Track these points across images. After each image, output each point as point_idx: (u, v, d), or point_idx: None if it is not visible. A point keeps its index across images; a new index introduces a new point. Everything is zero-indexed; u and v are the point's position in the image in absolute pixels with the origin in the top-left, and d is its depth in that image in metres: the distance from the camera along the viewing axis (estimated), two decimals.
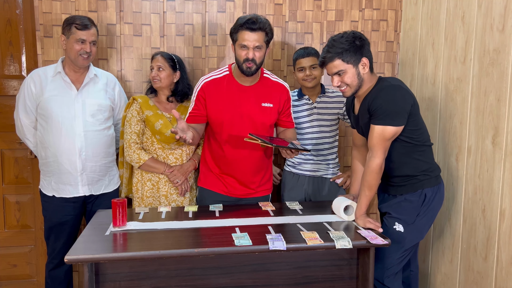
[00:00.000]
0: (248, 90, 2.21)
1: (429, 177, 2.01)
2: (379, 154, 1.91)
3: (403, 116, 1.90)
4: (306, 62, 2.38)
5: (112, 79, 2.47)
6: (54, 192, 2.32)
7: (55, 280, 2.43)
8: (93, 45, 2.29)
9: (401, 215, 2.01)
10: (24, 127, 2.35)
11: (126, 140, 2.36)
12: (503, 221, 1.88)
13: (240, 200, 2.35)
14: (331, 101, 2.49)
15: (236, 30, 2.09)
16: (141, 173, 2.40)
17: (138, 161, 2.34)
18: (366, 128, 2.01)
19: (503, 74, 1.87)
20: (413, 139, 1.97)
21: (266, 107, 2.22)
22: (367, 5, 2.79)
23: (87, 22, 2.26)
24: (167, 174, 2.36)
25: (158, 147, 2.37)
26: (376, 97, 1.90)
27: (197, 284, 1.87)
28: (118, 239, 1.79)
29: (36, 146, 2.36)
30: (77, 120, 2.26)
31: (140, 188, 2.39)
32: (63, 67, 2.31)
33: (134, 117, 2.36)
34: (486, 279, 1.98)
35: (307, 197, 2.55)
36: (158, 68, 2.36)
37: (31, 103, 2.29)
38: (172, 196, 2.39)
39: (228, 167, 2.27)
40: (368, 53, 1.96)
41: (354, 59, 1.93)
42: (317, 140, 2.49)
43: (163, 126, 2.34)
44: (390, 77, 2.03)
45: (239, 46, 2.09)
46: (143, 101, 2.38)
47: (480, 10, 2.03)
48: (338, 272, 1.97)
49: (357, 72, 1.95)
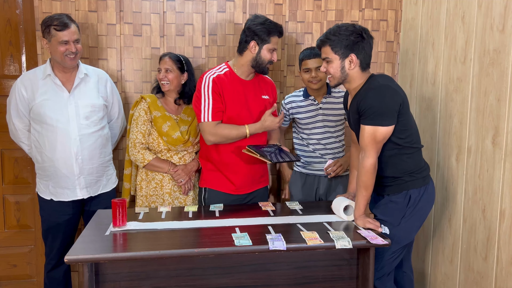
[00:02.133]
0: (249, 84, 2.32)
1: (415, 178, 1.99)
2: (372, 154, 1.91)
3: (392, 115, 1.89)
4: (312, 64, 2.37)
5: (103, 76, 2.43)
6: (52, 196, 2.30)
7: (54, 281, 2.43)
8: (77, 43, 2.22)
9: (386, 217, 2.00)
10: (19, 130, 2.33)
11: (132, 139, 2.37)
12: (503, 221, 1.88)
13: (249, 195, 2.38)
14: (337, 102, 2.49)
15: (268, 33, 2.22)
16: (145, 172, 2.41)
17: (143, 161, 2.34)
18: (356, 126, 2.01)
19: (503, 74, 1.87)
20: (402, 140, 1.95)
21: (265, 99, 2.37)
22: (367, 5, 2.79)
23: (66, 20, 2.19)
24: (172, 173, 2.37)
25: (164, 148, 2.38)
26: (365, 97, 1.89)
27: (197, 284, 1.87)
28: (118, 239, 1.79)
29: (31, 149, 2.35)
30: (71, 124, 2.23)
31: (145, 187, 2.40)
32: (52, 69, 2.26)
33: (141, 117, 2.36)
34: (486, 279, 1.98)
35: (318, 196, 2.55)
36: (166, 70, 2.35)
37: (23, 107, 2.26)
38: (175, 193, 2.40)
39: (237, 163, 2.29)
40: (361, 51, 1.94)
41: (343, 52, 1.93)
42: (323, 140, 2.49)
43: (170, 128, 2.34)
44: (380, 74, 2.02)
45: (268, 50, 2.24)
46: (152, 101, 2.38)
47: (480, 10, 2.03)
48: (338, 272, 1.97)
49: (341, 66, 1.95)
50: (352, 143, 2.28)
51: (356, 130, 2.04)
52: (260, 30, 2.20)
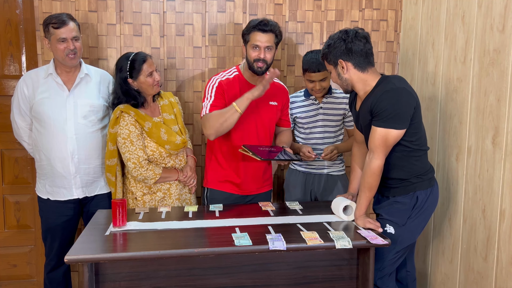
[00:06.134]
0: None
1: (422, 180, 1.99)
2: (380, 156, 1.90)
3: (406, 119, 1.88)
4: (317, 77, 2.35)
5: (106, 77, 2.42)
6: (49, 195, 2.31)
7: (54, 282, 2.43)
8: (76, 41, 2.21)
9: (392, 217, 2.00)
10: (21, 129, 2.34)
11: (133, 159, 2.17)
12: (503, 221, 1.88)
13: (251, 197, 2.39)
14: (338, 102, 2.49)
15: (248, 31, 2.21)
16: (147, 186, 2.27)
17: (154, 177, 2.21)
18: (366, 128, 2.00)
19: (503, 74, 1.87)
20: (412, 143, 1.95)
21: (272, 105, 2.35)
22: (367, 5, 2.78)
23: (64, 18, 2.18)
24: (183, 180, 2.32)
25: (166, 156, 2.28)
26: (380, 99, 1.86)
27: (197, 284, 1.87)
28: (118, 239, 1.79)
29: (33, 147, 2.35)
30: (68, 122, 2.23)
31: (148, 200, 2.28)
32: (55, 68, 2.27)
33: (133, 133, 2.18)
34: (486, 279, 1.98)
35: (313, 195, 2.55)
36: (155, 70, 2.27)
37: (25, 105, 2.27)
38: (182, 196, 2.36)
39: (241, 165, 2.30)
40: (347, 54, 1.91)
41: (333, 61, 1.97)
42: (322, 140, 2.49)
43: (168, 135, 2.25)
44: (394, 76, 1.98)
45: (251, 47, 2.20)
46: (136, 113, 2.21)
47: (480, 10, 2.02)
48: (338, 272, 1.96)
49: (337, 73, 1.98)
50: (354, 142, 2.26)
51: (365, 131, 2.03)
52: (244, 30, 2.24)
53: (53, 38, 2.18)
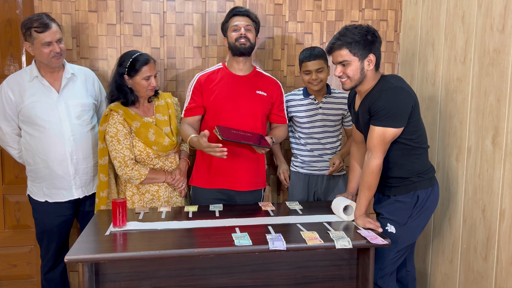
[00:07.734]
0: (243, 79, 2.34)
1: (423, 179, 2.00)
2: (379, 155, 1.91)
3: (404, 117, 1.89)
4: (312, 66, 2.36)
5: (90, 74, 2.41)
6: (47, 198, 2.29)
7: (52, 282, 2.43)
8: (60, 43, 2.18)
9: (393, 216, 2.00)
10: (7, 135, 2.27)
11: (119, 158, 2.17)
12: (503, 221, 1.88)
13: (238, 194, 2.33)
14: (337, 102, 2.49)
15: (226, 20, 2.31)
16: (136, 186, 2.27)
17: (139, 177, 2.20)
18: (365, 127, 2.01)
19: (503, 74, 1.87)
20: (412, 141, 1.96)
21: (260, 94, 2.33)
22: (367, 5, 2.79)
23: (46, 20, 2.13)
24: (171, 182, 2.30)
25: (154, 157, 2.26)
26: (378, 99, 1.88)
27: (197, 284, 1.87)
28: (118, 239, 1.79)
29: (21, 153, 2.31)
30: (64, 124, 2.21)
31: (137, 201, 2.27)
32: (39, 70, 2.23)
33: (120, 131, 2.17)
34: (486, 279, 1.98)
35: (317, 196, 2.55)
36: (154, 76, 2.23)
37: (11, 111, 2.21)
38: (172, 199, 2.36)
39: (226, 160, 2.21)
40: (377, 51, 1.94)
41: (362, 53, 1.90)
42: (322, 140, 2.49)
43: (157, 136, 2.23)
44: (392, 75, 2.01)
45: (231, 30, 2.27)
46: (125, 112, 2.20)
47: (480, 10, 2.03)
48: (338, 272, 1.97)
49: (361, 67, 1.92)
50: (353, 142, 2.27)
51: (364, 131, 2.04)
52: (222, 23, 2.35)
53: (36, 42, 2.13)
